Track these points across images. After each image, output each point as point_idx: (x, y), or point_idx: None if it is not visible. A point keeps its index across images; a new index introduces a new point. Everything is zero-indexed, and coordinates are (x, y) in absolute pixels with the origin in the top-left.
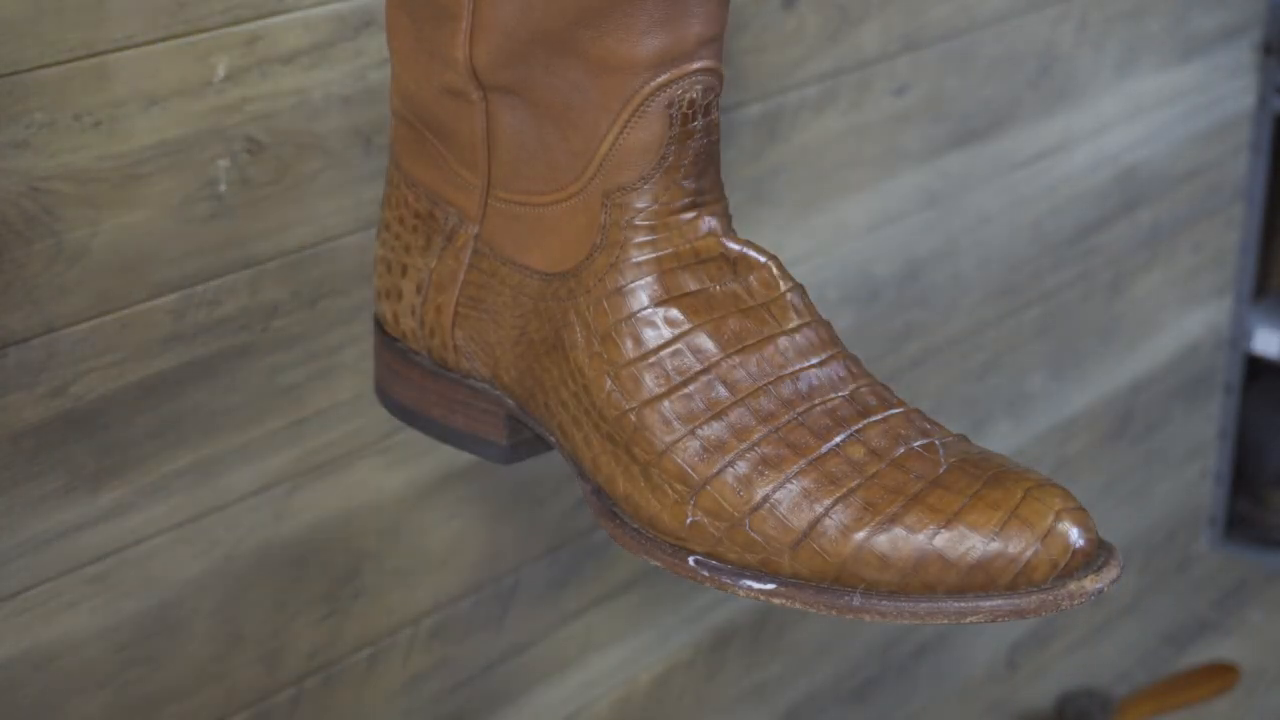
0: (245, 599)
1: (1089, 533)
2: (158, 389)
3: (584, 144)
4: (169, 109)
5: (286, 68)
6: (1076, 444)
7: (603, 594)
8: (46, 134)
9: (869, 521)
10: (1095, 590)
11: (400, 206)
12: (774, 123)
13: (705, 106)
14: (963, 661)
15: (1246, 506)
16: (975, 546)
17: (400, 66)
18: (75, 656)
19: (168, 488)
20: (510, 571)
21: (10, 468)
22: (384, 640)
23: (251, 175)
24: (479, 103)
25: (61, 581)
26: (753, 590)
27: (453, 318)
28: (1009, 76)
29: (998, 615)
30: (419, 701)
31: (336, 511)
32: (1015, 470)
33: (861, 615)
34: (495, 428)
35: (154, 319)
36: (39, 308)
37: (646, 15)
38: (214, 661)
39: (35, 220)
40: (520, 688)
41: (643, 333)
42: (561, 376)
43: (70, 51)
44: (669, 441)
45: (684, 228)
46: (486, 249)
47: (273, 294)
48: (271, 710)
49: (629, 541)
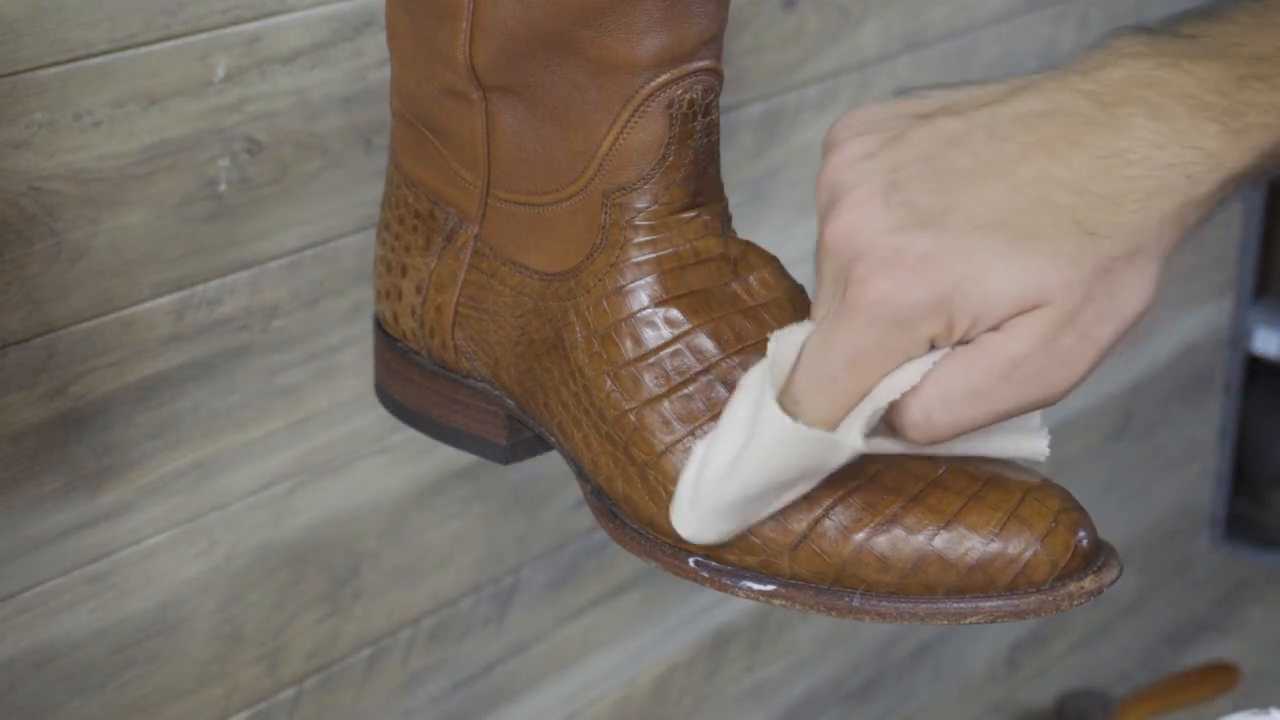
0: (245, 599)
1: (1089, 533)
2: (158, 389)
3: (584, 144)
4: (169, 109)
5: (286, 68)
6: (1076, 444)
7: (603, 594)
8: (46, 134)
9: (868, 522)
10: (1095, 591)
11: (400, 206)
12: (774, 123)
13: (705, 106)
14: (963, 661)
15: (1246, 506)
16: (975, 547)
17: (400, 66)
18: (75, 656)
19: (168, 488)
20: (510, 571)
21: (10, 468)
22: (384, 640)
23: (251, 175)
24: (479, 103)
25: (61, 581)
26: (752, 591)
27: (453, 318)
28: (1009, 76)
29: (997, 616)
30: (419, 701)
31: (336, 511)
32: (1015, 471)
33: (861, 616)
34: (495, 428)
35: (154, 319)
36: (39, 308)
37: (646, 15)
38: (214, 661)
39: (35, 220)
40: (520, 688)
41: (643, 333)
42: (561, 376)
43: (70, 51)
44: (669, 442)
45: (684, 228)
46: (486, 249)
47: (273, 294)
48: (271, 710)
49: (629, 542)
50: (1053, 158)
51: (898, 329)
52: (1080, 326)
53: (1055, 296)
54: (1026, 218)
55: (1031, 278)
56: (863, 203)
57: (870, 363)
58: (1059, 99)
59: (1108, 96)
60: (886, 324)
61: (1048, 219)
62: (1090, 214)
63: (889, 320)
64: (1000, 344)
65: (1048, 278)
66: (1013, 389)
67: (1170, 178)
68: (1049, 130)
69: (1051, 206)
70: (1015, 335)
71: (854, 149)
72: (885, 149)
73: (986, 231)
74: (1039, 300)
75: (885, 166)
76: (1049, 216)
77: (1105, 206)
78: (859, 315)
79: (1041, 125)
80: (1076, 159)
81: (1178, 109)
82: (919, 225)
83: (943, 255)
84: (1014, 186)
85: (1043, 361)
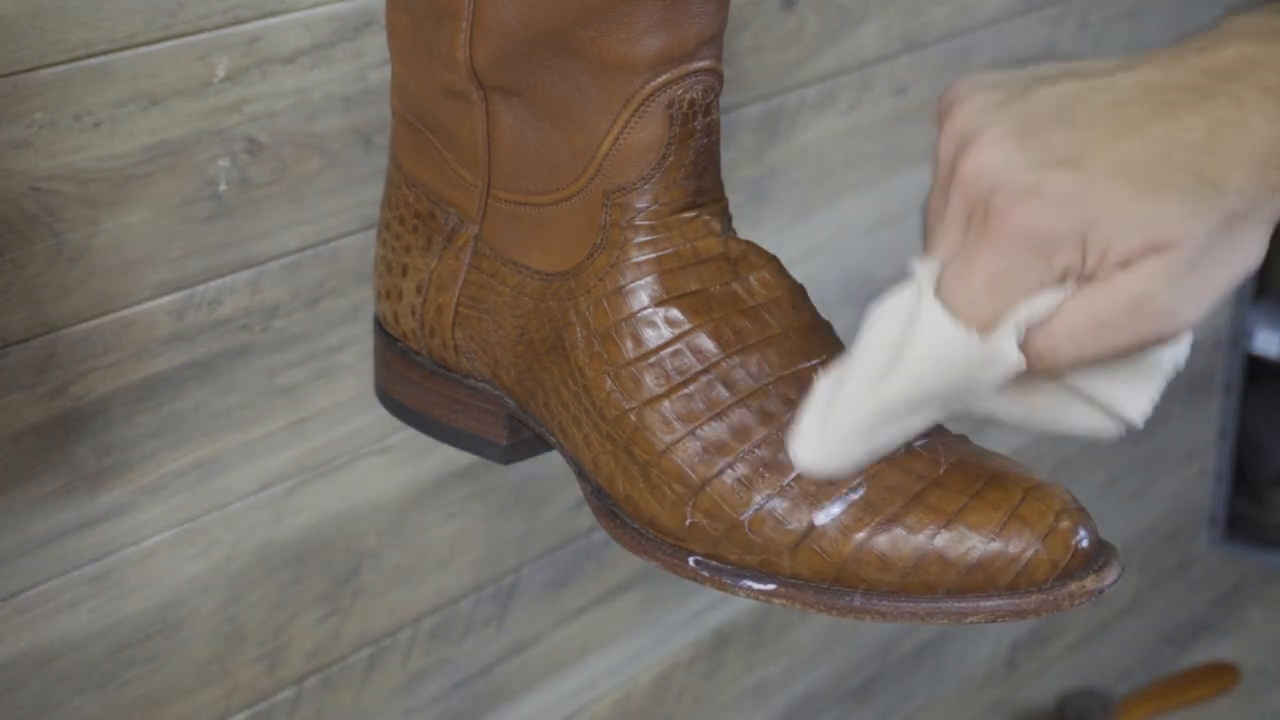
0: (245, 599)
1: (1089, 533)
2: (158, 389)
3: (584, 144)
4: (169, 109)
5: (286, 68)
6: (1076, 444)
7: (603, 594)
8: (46, 134)
9: (869, 522)
10: (1095, 590)
11: (400, 206)
12: (774, 123)
13: (705, 106)
14: (963, 661)
15: (1246, 506)
16: (975, 546)
17: (400, 66)
18: (75, 656)
19: (168, 488)
20: (510, 571)
21: (10, 468)
22: (384, 640)
23: (251, 175)
24: (479, 103)
25: (61, 581)
26: (753, 591)
27: (453, 318)
28: None
29: (998, 615)
30: (419, 701)
31: (336, 511)
32: (1015, 470)
33: (862, 615)
34: (495, 428)
35: (154, 319)
36: (39, 308)
37: (647, 15)
38: (214, 661)
39: (35, 220)
40: (520, 688)
41: (643, 333)
42: (562, 376)
43: (70, 51)
44: (669, 442)
45: (684, 228)
46: (487, 249)
47: (273, 294)
48: (271, 710)
49: (629, 542)
50: (1175, 120)
51: (1036, 254)
52: (1201, 271)
53: (1181, 241)
54: (1156, 168)
55: (1162, 220)
56: (999, 140)
57: (1010, 286)
58: (1175, 72)
59: (1222, 72)
60: (1026, 249)
61: (1176, 171)
62: (1214, 171)
63: (1029, 246)
64: (1127, 281)
65: (1176, 222)
66: (1136, 324)
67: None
68: (1170, 96)
69: (1178, 161)
70: (1142, 274)
71: (983, 99)
72: (1015, 100)
73: (1120, 176)
74: (1167, 242)
75: (1018, 113)
76: (1177, 169)
77: (1226, 167)
78: (1002, 240)
79: (1162, 92)
80: (1196, 122)
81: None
82: (1056, 164)
83: (1081, 192)
84: (1144, 140)
85: (1165, 300)
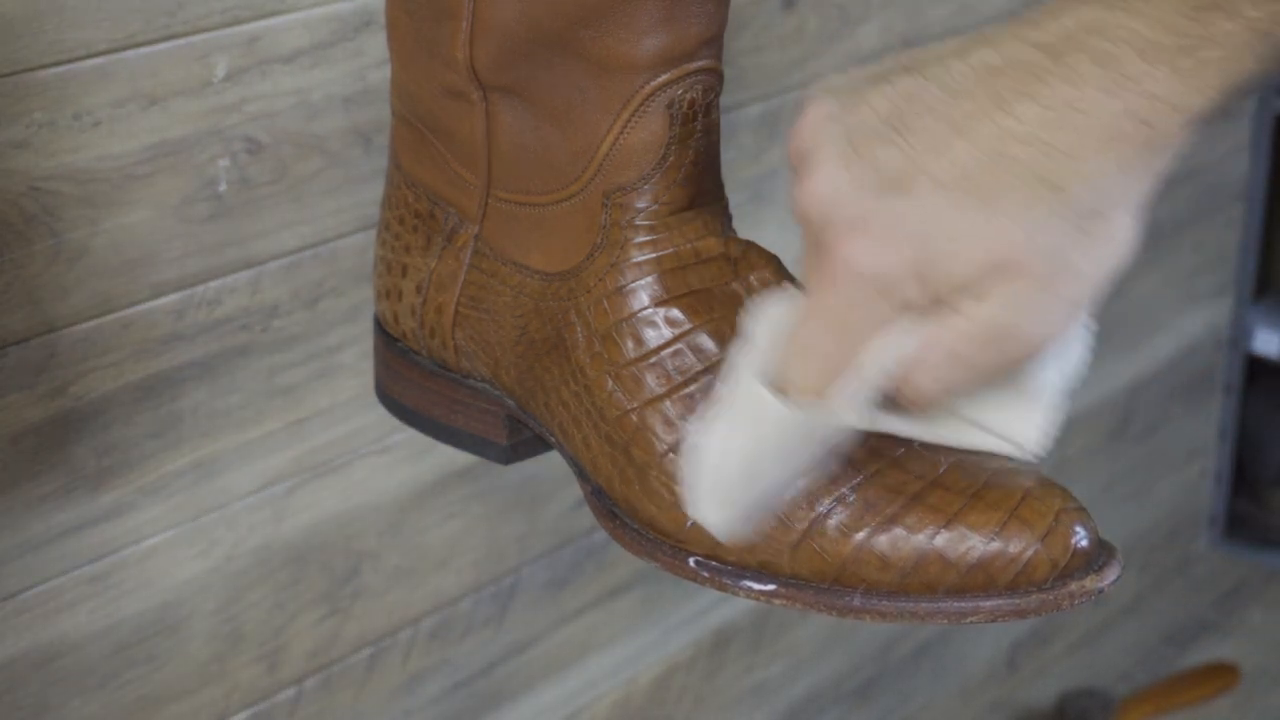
0: (245, 599)
1: (1089, 533)
2: (158, 389)
3: (584, 144)
4: (169, 109)
5: (286, 68)
6: (1076, 444)
7: (603, 594)
8: (46, 134)
9: (869, 522)
10: (1096, 590)
11: (400, 206)
12: (774, 123)
13: (706, 106)
14: (963, 661)
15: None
16: (975, 546)
17: (400, 66)
18: (75, 656)
19: (168, 488)
20: (510, 571)
21: (10, 468)
22: (384, 640)
23: (251, 175)
24: (479, 103)
25: (61, 581)
26: (753, 591)
27: (453, 318)
28: None
29: (998, 615)
30: (419, 702)
31: (336, 512)
32: (1015, 470)
33: (862, 615)
34: (495, 428)
35: (154, 319)
36: (39, 308)
37: (647, 15)
38: (214, 661)
39: (35, 220)
40: (520, 688)
41: (643, 332)
42: (562, 376)
43: (70, 51)
44: (671, 442)
45: (685, 228)
46: (487, 249)
47: (273, 294)
48: (271, 710)
49: (629, 542)
50: (1007, 111)
51: (874, 294)
52: (1053, 287)
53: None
54: (989, 175)
55: (1000, 239)
56: (825, 164)
57: (852, 331)
58: (1010, 50)
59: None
60: (861, 289)
61: (1009, 175)
62: (1050, 166)
63: (864, 286)
64: (977, 311)
65: (1015, 238)
66: (991, 350)
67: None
68: (1001, 83)
69: (1010, 161)
70: (989, 299)
71: (818, 111)
72: (847, 110)
73: (951, 192)
74: (1008, 260)
75: (845, 128)
76: (1010, 172)
77: (1063, 158)
78: (834, 283)
79: (994, 79)
80: (1028, 111)
81: (1126, 53)
82: (883, 187)
83: (909, 218)
84: (973, 143)
85: (1018, 323)
